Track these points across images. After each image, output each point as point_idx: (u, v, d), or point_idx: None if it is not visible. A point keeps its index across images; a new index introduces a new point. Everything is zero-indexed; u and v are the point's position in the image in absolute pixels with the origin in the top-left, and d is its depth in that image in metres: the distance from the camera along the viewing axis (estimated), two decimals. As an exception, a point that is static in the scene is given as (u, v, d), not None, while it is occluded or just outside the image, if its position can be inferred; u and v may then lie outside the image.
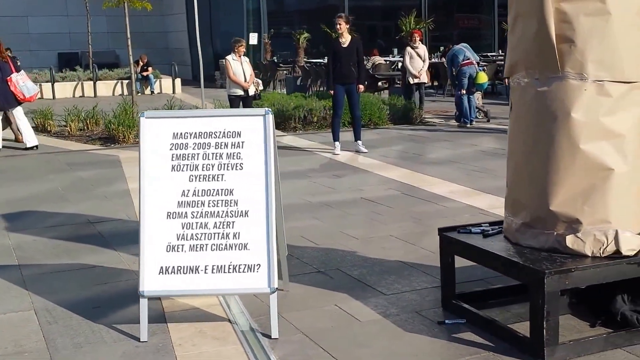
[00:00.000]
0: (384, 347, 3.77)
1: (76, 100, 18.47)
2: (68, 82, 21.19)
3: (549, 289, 3.46)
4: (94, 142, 12.29)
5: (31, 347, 3.88)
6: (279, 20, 24.46)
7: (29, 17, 28.07)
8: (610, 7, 3.56)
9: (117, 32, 28.32)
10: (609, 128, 3.65)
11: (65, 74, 21.58)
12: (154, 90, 21.58)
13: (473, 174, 8.43)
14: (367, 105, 13.33)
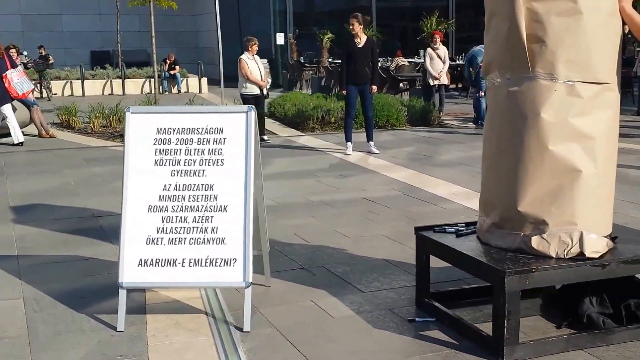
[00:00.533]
0: (350, 343, 3.84)
1: (104, 98, 18.79)
2: (97, 80, 21.57)
3: (509, 289, 3.51)
4: (115, 139, 12.53)
5: (13, 333, 4.03)
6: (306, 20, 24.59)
7: (63, 15, 28.61)
8: (582, 7, 3.58)
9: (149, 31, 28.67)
10: (578, 129, 3.67)
11: (95, 72, 21.98)
12: (180, 89, 21.85)
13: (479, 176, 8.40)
14: (385, 107, 13.40)
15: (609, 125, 3.75)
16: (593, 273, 3.70)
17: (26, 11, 28.95)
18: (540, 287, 3.93)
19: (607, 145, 3.74)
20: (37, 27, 27.89)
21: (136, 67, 22.04)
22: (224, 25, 27.76)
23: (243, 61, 11.72)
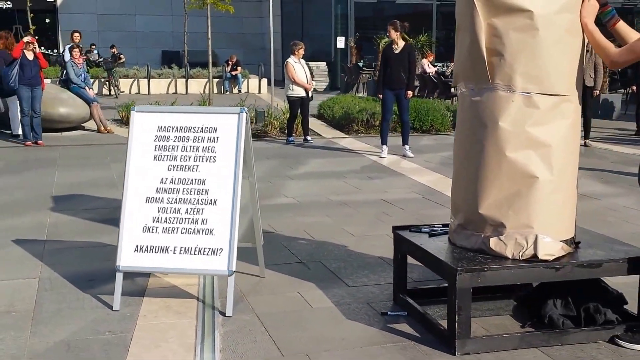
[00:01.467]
0: (319, 331, 4.12)
1: (168, 96, 19.55)
2: (163, 79, 22.38)
3: (460, 285, 3.73)
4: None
5: (21, 308, 4.47)
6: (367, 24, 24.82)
7: (137, 15, 29.69)
8: (538, 24, 3.77)
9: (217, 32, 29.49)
10: (535, 138, 3.86)
11: (162, 72, 22.79)
12: (241, 89, 22.44)
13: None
14: (430, 112, 13.59)
15: (566, 134, 3.92)
16: (546, 275, 3.89)
17: (102, 11, 30.19)
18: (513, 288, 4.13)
19: (564, 154, 3.91)
20: (112, 26, 29.02)
21: (200, 67, 22.71)
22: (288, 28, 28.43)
23: (290, 64, 12.08)
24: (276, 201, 7.62)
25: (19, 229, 6.34)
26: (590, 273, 3.93)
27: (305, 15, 26.22)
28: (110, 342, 3.96)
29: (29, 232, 6.25)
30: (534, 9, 3.76)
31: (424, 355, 3.82)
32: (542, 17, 3.77)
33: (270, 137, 12.95)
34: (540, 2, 3.77)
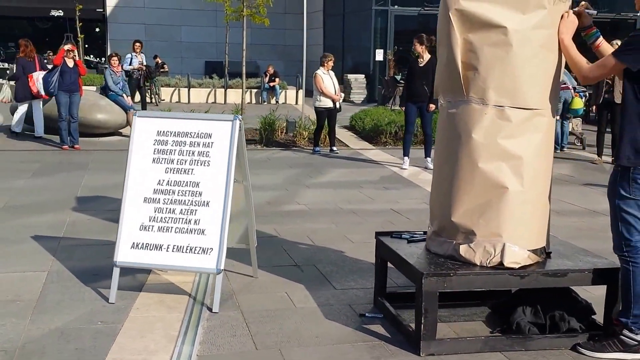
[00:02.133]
0: (296, 327, 4.35)
1: (205, 105, 19.99)
2: (203, 89, 22.88)
3: (426, 289, 3.91)
4: (197, 143, 13.44)
5: (26, 298, 4.78)
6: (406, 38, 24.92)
7: (183, 26, 30.37)
8: (512, 40, 3.94)
9: (260, 44, 30.12)
10: (507, 150, 4.02)
11: (202, 81, 23.31)
12: (278, 100, 22.79)
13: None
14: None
15: (538, 147, 4.07)
16: (512, 282, 4.05)
17: (150, 22, 30.97)
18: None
19: (535, 166, 4.07)
20: (158, 36, 29.71)
21: (239, 78, 23.11)
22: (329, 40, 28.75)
23: (318, 76, 12.34)
24: (288, 208, 7.86)
25: (39, 226, 6.70)
26: (555, 282, 4.08)
27: (347, 28, 26.50)
28: (101, 331, 4.24)
29: (48, 230, 6.60)
30: (509, 25, 3.93)
31: (390, 354, 4.01)
32: (516, 33, 3.93)
33: (298, 147, 13.22)
34: (515, 19, 3.93)
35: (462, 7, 4.00)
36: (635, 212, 3.77)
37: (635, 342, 3.87)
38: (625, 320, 3.88)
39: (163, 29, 30.26)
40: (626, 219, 3.79)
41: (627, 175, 3.75)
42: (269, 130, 13.56)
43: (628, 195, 3.76)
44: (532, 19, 3.94)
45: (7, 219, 7.03)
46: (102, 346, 4.02)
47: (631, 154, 3.72)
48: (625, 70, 3.78)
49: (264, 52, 30.11)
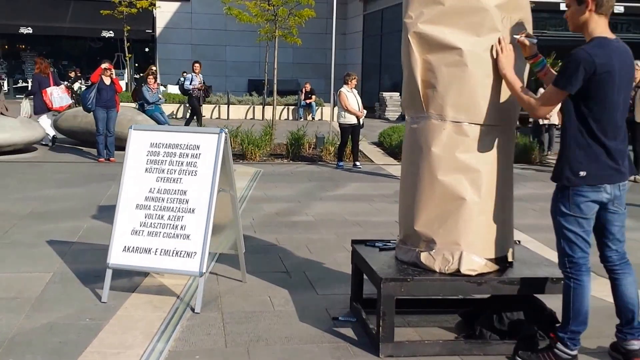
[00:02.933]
0: (267, 328, 4.59)
1: (243, 121, 20.42)
2: (242, 106, 23.39)
3: (384, 293, 4.12)
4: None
5: (26, 295, 5.14)
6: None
7: (227, 46, 31.09)
8: (467, 60, 4.14)
9: (302, 63, 30.59)
10: (464, 163, 4.22)
11: (242, 98, 23.83)
12: (314, 116, 23.13)
13: (526, 211, 8.77)
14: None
15: (495, 161, 4.25)
16: (469, 289, 4.23)
17: (196, 42, 31.84)
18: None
19: (492, 179, 4.25)
20: (204, 56, 30.42)
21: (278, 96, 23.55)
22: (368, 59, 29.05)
23: (343, 94, 12.63)
24: (295, 219, 8.12)
25: (56, 232, 7.09)
26: (511, 289, 4.23)
27: (384, 48, 26.80)
28: (86, 327, 4.56)
29: (63, 235, 6.98)
30: (464, 46, 4.14)
31: (351, 355, 4.22)
32: (471, 54, 4.14)
33: (323, 162, 13.50)
34: (470, 41, 4.14)
35: (419, 30, 4.23)
36: (575, 229, 3.89)
37: (568, 357, 3.98)
38: (562, 335, 3.98)
39: (208, 49, 31.02)
40: (567, 236, 3.92)
41: (566, 193, 3.88)
42: (296, 145, 13.88)
43: (568, 212, 3.88)
44: (487, 41, 4.13)
45: (29, 224, 7.45)
46: (84, 340, 4.33)
47: (570, 174, 3.84)
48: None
49: (308, 70, 30.59)
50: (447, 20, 4.17)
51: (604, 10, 3.81)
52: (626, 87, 3.87)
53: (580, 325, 3.93)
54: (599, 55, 3.72)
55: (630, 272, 4.06)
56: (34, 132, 13.31)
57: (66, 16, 30.35)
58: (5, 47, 32.27)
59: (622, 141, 3.90)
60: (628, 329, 4.00)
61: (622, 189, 3.89)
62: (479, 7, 4.12)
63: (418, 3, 4.27)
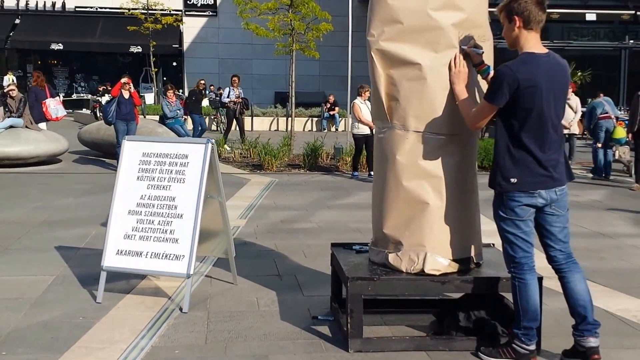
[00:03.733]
0: (248, 326, 4.84)
1: (267, 133, 20.80)
2: (266, 118, 23.79)
3: (351, 291, 4.35)
4: (245, 167, 14.19)
5: (28, 296, 5.46)
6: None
7: (254, 60, 31.57)
8: (426, 74, 4.37)
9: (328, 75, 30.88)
10: (427, 170, 4.44)
11: (266, 110, 24.22)
12: (337, 128, 23.41)
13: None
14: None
15: (455, 167, 4.46)
16: (433, 288, 4.46)
17: (224, 56, 32.41)
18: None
19: (453, 184, 4.46)
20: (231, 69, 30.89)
21: (302, 108, 23.93)
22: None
23: (356, 105, 12.89)
24: (298, 226, 8.37)
25: (65, 238, 7.44)
26: (475, 288, 4.43)
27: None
28: (78, 325, 4.85)
29: (72, 241, 7.33)
30: (422, 62, 4.38)
31: (323, 350, 4.45)
32: (429, 69, 4.37)
33: (339, 172, 13.76)
34: (429, 56, 4.38)
35: (381, 47, 4.49)
36: (514, 231, 4.09)
37: (526, 352, 4.16)
38: (516, 331, 4.17)
39: (235, 63, 31.52)
40: (508, 238, 4.13)
41: (502, 199, 4.10)
42: (312, 156, 14.15)
43: (505, 215, 4.09)
44: (444, 57, 4.36)
45: (41, 231, 7.82)
46: (74, 336, 4.62)
47: (502, 181, 4.06)
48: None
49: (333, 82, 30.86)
50: (407, 38, 4.41)
51: (532, 26, 4.02)
52: (557, 100, 4.04)
53: (530, 321, 4.11)
54: (521, 70, 3.94)
55: (578, 270, 4.21)
56: (58, 145, 13.78)
57: (96, 32, 31.16)
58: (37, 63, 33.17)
59: (555, 152, 4.07)
60: (583, 326, 4.15)
61: (559, 194, 4.07)
62: (435, 26, 4.36)
63: (379, 22, 4.51)
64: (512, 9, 4.00)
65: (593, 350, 4.11)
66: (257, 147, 15.11)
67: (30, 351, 4.38)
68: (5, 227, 7.96)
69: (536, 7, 3.96)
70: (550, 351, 4.39)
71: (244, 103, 18.92)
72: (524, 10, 3.96)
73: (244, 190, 11.12)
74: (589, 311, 4.13)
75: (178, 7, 31.89)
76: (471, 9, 4.45)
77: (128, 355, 4.35)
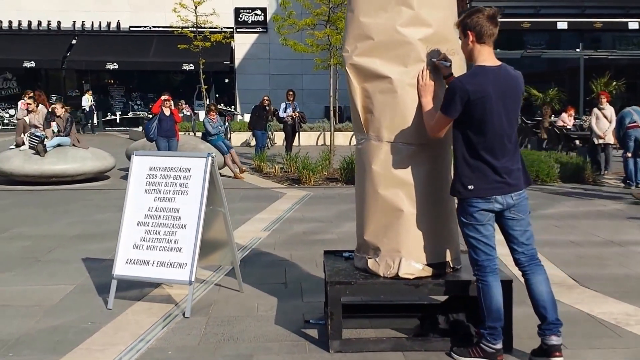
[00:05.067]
0: (242, 330, 5.13)
1: (315, 148, 21.13)
2: (313, 132, 24.13)
3: (331, 295, 4.60)
4: (284, 182, 14.51)
5: (44, 304, 5.86)
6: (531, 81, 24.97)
7: (304, 75, 32.02)
8: (397, 87, 4.61)
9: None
10: (401, 178, 4.66)
11: (313, 125, 24.57)
12: (382, 141, 23.57)
13: (549, 228, 8.97)
14: (535, 163, 13.88)
15: (427, 175, 4.66)
16: (407, 290, 4.66)
17: (274, 72, 33.02)
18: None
19: (426, 192, 4.66)
20: (281, 85, 31.40)
21: (348, 122, 24.16)
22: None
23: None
24: (319, 237, 8.63)
25: (94, 251, 7.87)
26: (447, 291, 4.63)
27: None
28: (85, 329, 5.22)
29: (100, 253, 7.74)
30: (393, 75, 4.62)
31: (306, 351, 4.71)
32: (399, 82, 4.61)
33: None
34: (398, 70, 4.62)
35: (355, 62, 4.75)
36: (475, 235, 4.30)
37: (493, 350, 4.34)
38: (483, 331, 4.37)
39: (285, 78, 32.04)
40: (471, 242, 4.34)
41: (462, 205, 4.32)
42: (349, 170, 14.37)
43: (466, 221, 4.32)
44: (413, 70, 4.59)
45: (73, 244, 8.27)
46: (79, 340, 4.99)
47: (460, 188, 4.27)
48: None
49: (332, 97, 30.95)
50: (378, 53, 4.66)
51: (485, 39, 4.24)
52: (508, 110, 4.23)
53: (495, 321, 4.28)
54: (471, 83, 4.16)
55: (540, 272, 4.40)
56: (104, 162, 14.37)
57: (149, 51, 32.14)
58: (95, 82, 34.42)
59: (510, 159, 4.27)
60: (545, 325, 4.32)
61: (515, 199, 4.28)
62: (404, 41, 4.59)
63: (353, 38, 4.77)
64: (466, 24, 4.22)
65: (554, 347, 4.28)
66: (297, 162, 15.42)
67: (34, 353, 4.76)
68: (39, 241, 8.45)
69: (488, 22, 4.17)
70: (523, 351, 4.56)
71: (300, 117, 19.33)
72: (476, 25, 4.17)
73: (277, 204, 11.43)
74: (549, 311, 4.29)
75: (230, 24, 32.68)
76: (438, 24, 4.67)
77: (124, 356, 4.68)
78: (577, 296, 5.94)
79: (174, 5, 24.46)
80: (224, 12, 31.26)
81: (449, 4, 4.84)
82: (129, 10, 33.14)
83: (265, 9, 33.38)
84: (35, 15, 32.80)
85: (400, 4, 4.63)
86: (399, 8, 4.63)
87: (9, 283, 6.55)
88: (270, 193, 12.82)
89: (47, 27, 32.97)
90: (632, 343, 4.84)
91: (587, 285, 6.29)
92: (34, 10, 32.69)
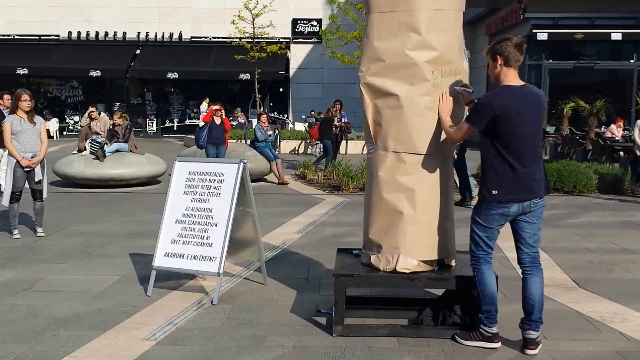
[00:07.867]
0: (260, 316, 5.80)
1: (360, 156, 21.74)
2: (359, 141, 24.76)
3: (336, 285, 5.23)
4: (324, 188, 15.16)
5: (93, 291, 6.62)
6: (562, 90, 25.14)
7: (355, 84, 32.48)
8: (403, 103, 5.23)
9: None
10: (403, 184, 5.27)
11: (360, 133, 25.17)
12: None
13: (570, 236, 9.39)
14: (573, 174, 14.19)
15: (428, 182, 5.26)
16: (403, 283, 5.26)
17: (327, 81, 33.78)
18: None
19: (426, 196, 5.25)
20: (334, 94, 32.17)
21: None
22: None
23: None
24: (346, 239, 9.24)
25: (141, 247, 8.65)
26: (439, 284, 5.21)
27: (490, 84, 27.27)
28: (125, 312, 5.96)
29: (145, 249, 8.49)
30: (400, 93, 5.24)
31: (312, 334, 5.35)
32: (405, 99, 5.22)
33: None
34: (404, 88, 5.23)
35: (368, 81, 5.39)
36: (481, 234, 4.91)
37: (489, 334, 4.91)
38: (480, 316, 4.94)
39: (338, 87, 32.81)
40: (474, 238, 4.95)
41: (481, 206, 4.91)
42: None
43: (479, 220, 4.91)
44: (419, 89, 5.20)
45: (122, 241, 9.08)
46: (119, 319, 5.73)
47: (486, 192, 4.85)
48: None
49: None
50: (388, 73, 5.28)
51: (511, 64, 4.86)
52: (532, 124, 4.80)
53: (489, 305, 4.91)
54: (497, 100, 4.77)
55: (538, 274, 4.95)
56: (157, 167, 15.28)
57: (208, 61, 33.27)
58: (156, 90, 35.77)
59: (534, 168, 4.83)
60: (527, 321, 4.88)
61: (532, 206, 4.83)
62: (411, 63, 5.21)
63: (367, 60, 5.41)
64: (496, 49, 4.86)
65: (529, 341, 4.86)
66: (338, 169, 16.04)
67: (81, 328, 5.51)
68: (92, 237, 9.30)
69: (514, 49, 4.82)
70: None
71: (345, 127, 19.97)
72: (504, 51, 4.81)
73: (313, 209, 12.08)
74: (535, 310, 4.87)
75: (287, 35, 33.61)
76: (444, 48, 5.26)
77: (157, 333, 5.41)
78: (573, 296, 6.42)
79: (233, 18, 25.47)
80: (281, 22, 32.25)
81: (454, 30, 5.42)
82: (191, 21, 34.40)
83: (321, 20, 34.16)
84: (103, 26, 34.30)
85: (410, 30, 5.24)
86: (409, 34, 5.24)
87: (63, 273, 7.35)
88: (309, 199, 13.48)
89: (113, 37, 34.45)
90: (610, 337, 5.33)
91: (586, 287, 6.75)
92: (103, 22, 34.22)
